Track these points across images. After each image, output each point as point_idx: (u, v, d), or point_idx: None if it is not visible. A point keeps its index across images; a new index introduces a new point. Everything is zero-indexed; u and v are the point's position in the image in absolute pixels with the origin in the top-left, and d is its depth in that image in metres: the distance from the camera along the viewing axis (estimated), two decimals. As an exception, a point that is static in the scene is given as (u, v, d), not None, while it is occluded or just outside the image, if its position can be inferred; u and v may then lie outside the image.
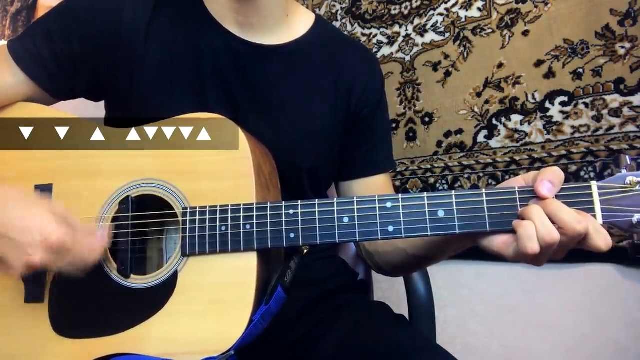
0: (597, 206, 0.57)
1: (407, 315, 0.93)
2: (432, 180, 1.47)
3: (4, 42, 1.71)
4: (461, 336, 1.41)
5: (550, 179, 0.57)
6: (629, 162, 0.58)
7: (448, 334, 1.42)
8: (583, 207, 0.58)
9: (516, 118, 1.31)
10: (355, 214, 0.63)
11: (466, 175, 1.40)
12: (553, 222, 0.56)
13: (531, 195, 0.59)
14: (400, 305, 0.94)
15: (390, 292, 1.45)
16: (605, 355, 1.19)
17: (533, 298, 1.31)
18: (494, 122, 1.35)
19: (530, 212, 0.57)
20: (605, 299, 1.20)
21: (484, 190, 0.60)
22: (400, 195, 0.62)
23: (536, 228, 0.56)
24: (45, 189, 0.73)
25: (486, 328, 1.38)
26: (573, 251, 1.26)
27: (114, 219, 0.70)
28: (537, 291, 1.30)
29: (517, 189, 0.60)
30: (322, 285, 0.89)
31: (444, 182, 1.45)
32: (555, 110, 1.25)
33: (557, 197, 0.58)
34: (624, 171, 0.58)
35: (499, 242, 0.60)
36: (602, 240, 0.55)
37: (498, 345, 1.36)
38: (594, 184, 0.58)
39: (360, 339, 0.75)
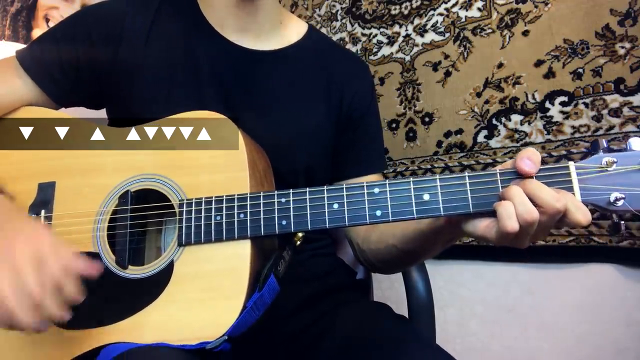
0: (576, 185, 0.59)
1: (407, 315, 0.93)
2: (432, 180, 1.47)
3: (4, 42, 1.73)
4: (461, 336, 1.41)
5: (528, 156, 0.59)
6: (605, 145, 0.60)
7: (448, 334, 1.42)
8: (562, 187, 0.60)
9: (516, 118, 1.32)
10: (345, 200, 0.65)
11: (466, 175, 1.40)
12: (533, 202, 0.57)
13: (512, 177, 0.61)
14: (400, 305, 0.94)
15: (390, 292, 1.45)
16: (605, 355, 1.19)
17: (533, 298, 1.30)
18: (494, 122, 1.35)
19: (509, 192, 0.58)
20: (605, 298, 1.20)
21: (466, 174, 0.62)
22: (387, 181, 0.64)
23: (515, 207, 0.57)
24: (48, 187, 0.75)
25: (486, 328, 1.38)
26: (573, 251, 1.25)
27: (114, 212, 0.72)
28: (536, 291, 1.30)
29: (498, 171, 0.62)
30: (318, 282, 0.89)
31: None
32: (555, 110, 1.25)
33: (537, 177, 0.60)
34: (600, 152, 0.60)
35: (482, 225, 0.61)
36: (582, 215, 0.57)
37: (498, 345, 1.36)
38: (572, 164, 0.60)
39: (361, 338, 0.76)
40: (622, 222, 0.59)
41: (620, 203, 0.58)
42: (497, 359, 1.35)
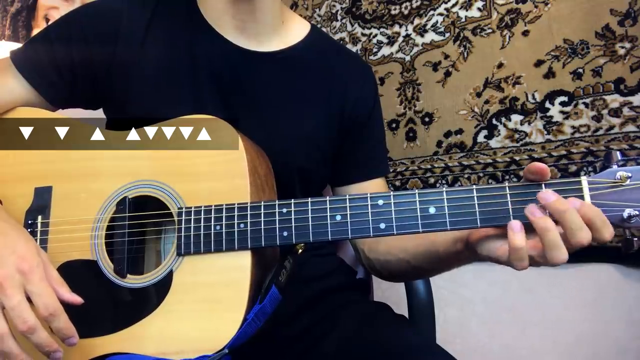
0: (588, 201, 0.57)
1: (407, 315, 0.93)
2: (432, 180, 1.47)
3: (4, 42, 1.72)
4: (461, 336, 1.41)
5: (534, 163, 0.58)
6: (619, 158, 0.57)
7: (448, 334, 1.42)
8: None
9: (516, 118, 1.31)
10: (348, 212, 0.63)
11: (466, 175, 1.40)
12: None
13: (521, 190, 0.59)
14: (400, 305, 0.94)
15: (390, 292, 1.45)
16: (605, 354, 1.19)
17: (533, 298, 1.31)
18: (494, 122, 1.35)
19: (564, 216, 0.56)
20: (605, 298, 1.20)
21: (474, 187, 0.60)
22: (391, 193, 0.63)
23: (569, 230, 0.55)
24: (45, 191, 0.74)
25: (486, 328, 1.38)
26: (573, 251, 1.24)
27: (112, 220, 0.71)
28: (537, 291, 1.30)
29: (507, 185, 0.60)
30: (319, 283, 0.89)
31: (444, 182, 1.45)
32: (555, 110, 1.25)
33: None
34: (614, 166, 0.57)
35: (503, 249, 0.60)
36: (608, 234, 0.55)
37: (498, 345, 1.36)
38: (584, 179, 0.57)
39: (362, 339, 0.75)
40: (635, 238, 0.57)
41: (634, 220, 0.55)
42: (498, 359, 1.36)
